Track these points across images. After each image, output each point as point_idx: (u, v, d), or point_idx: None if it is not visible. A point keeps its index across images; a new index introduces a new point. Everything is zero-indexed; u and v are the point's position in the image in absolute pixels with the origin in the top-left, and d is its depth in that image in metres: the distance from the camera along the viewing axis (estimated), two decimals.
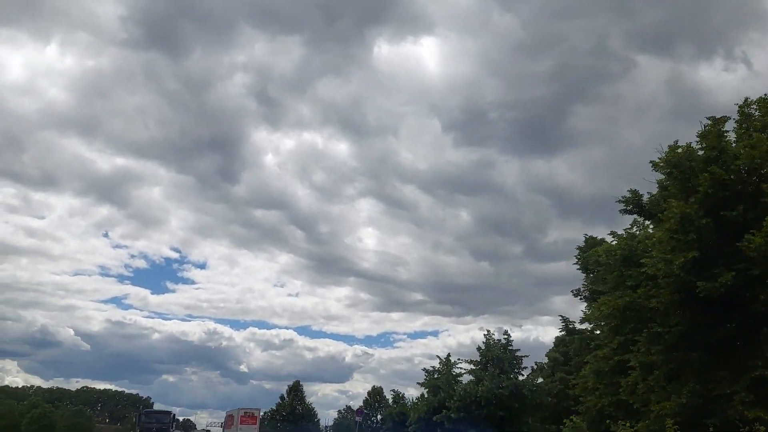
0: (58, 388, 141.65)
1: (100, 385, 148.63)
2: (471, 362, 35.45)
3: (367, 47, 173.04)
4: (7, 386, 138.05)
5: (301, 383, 74.28)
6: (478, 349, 34.86)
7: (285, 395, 73.04)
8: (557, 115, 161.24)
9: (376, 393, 75.85)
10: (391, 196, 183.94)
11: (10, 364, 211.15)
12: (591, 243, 29.18)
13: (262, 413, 59.58)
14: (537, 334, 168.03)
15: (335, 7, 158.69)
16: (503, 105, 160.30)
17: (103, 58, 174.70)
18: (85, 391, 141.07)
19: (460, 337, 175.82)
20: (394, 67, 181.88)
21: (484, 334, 34.90)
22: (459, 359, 36.54)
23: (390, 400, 63.70)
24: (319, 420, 73.87)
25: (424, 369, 37.46)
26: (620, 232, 23.69)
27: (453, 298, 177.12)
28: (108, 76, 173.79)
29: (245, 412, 55.49)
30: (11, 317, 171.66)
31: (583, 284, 30.11)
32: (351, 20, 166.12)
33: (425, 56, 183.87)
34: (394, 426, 49.20)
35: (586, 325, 30.15)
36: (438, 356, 37.99)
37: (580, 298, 30.96)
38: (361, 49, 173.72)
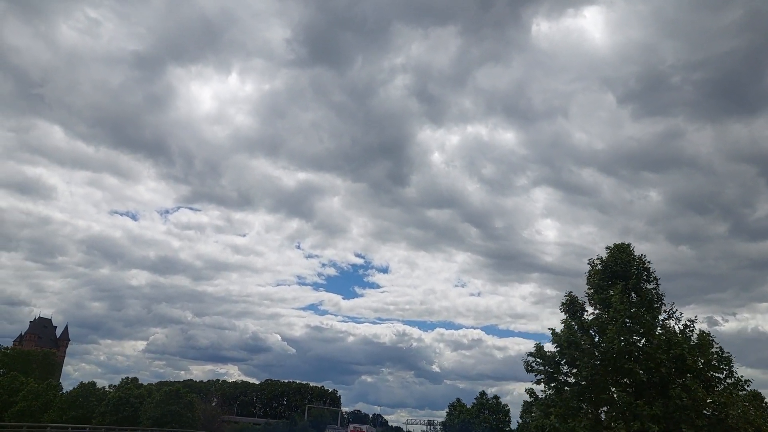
0: (242, 381, 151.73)
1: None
2: None
3: (524, 28, 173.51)
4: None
5: None
6: None
7: None
8: (754, 69, 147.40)
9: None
10: (568, 182, 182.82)
11: (232, 369, 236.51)
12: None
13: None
14: (756, 323, 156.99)
15: None
16: (687, 66, 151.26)
17: (276, 81, 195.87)
18: (269, 384, 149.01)
19: None
20: (555, 45, 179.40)
21: None
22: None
23: None
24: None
25: None
26: None
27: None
28: (282, 97, 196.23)
29: (354, 427, 70.33)
30: (228, 326, 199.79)
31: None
32: (505, 2, 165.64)
33: (589, 28, 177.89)
34: None
35: None
36: None
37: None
38: (519, 30, 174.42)
